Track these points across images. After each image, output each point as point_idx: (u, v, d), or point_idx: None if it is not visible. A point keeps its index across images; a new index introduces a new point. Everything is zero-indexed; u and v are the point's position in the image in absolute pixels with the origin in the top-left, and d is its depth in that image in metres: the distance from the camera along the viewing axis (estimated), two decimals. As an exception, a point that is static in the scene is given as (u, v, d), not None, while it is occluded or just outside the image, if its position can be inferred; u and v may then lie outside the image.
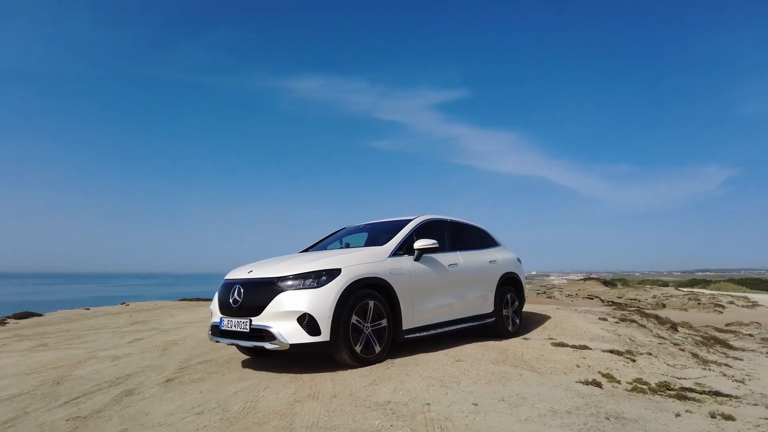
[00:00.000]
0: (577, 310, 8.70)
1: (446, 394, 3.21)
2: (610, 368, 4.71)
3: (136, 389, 3.84)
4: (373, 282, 4.36)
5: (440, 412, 2.84)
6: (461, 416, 2.78)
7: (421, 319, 4.85)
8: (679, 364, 5.41)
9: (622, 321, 7.94)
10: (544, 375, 4.16)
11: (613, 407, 3.07)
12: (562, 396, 3.35)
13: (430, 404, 3.00)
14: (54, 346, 5.72)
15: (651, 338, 6.52)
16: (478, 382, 3.65)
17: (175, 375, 4.27)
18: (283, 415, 2.95)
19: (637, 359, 5.23)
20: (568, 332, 6.44)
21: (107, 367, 4.54)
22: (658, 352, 5.82)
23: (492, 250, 6.33)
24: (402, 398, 3.14)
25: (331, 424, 2.74)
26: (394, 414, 2.85)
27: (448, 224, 5.80)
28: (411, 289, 4.73)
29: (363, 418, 2.79)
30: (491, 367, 4.26)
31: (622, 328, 6.87)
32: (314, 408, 3.04)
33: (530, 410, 2.91)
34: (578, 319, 7.26)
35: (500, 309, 6.06)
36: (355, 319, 4.12)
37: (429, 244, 4.93)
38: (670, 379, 4.64)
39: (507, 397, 3.19)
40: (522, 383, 3.70)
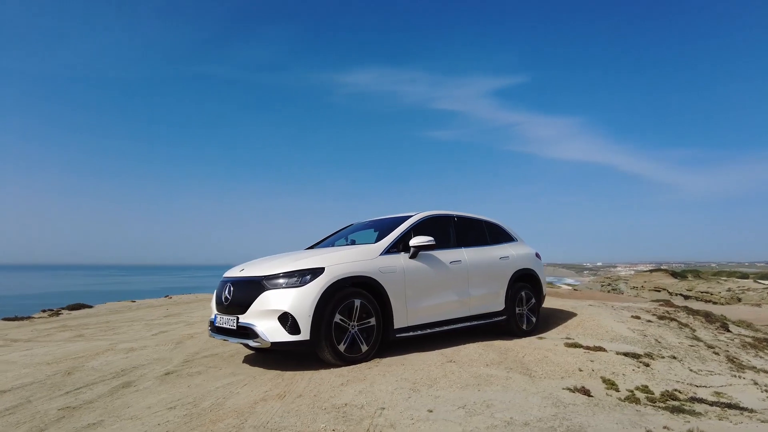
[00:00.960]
0: (613, 306, 8.21)
1: (408, 398, 3.15)
2: (616, 373, 4.42)
3: (134, 381, 4.09)
4: (360, 280, 4.35)
5: (389, 418, 2.80)
6: (408, 423, 2.72)
7: (417, 317, 4.78)
8: (706, 369, 4.97)
9: (660, 319, 7.42)
10: (536, 379, 3.98)
11: (580, 420, 2.87)
12: (536, 404, 3.18)
13: (384, 409, 2.96)
14: (88, 337, 6.22)
15: (683, 339, 6.02)
16: (454, 385, 3.55)
17: (176, 368, 4.50)
18: (241, 413, 3.03)
19: (654, 363, 4.86)
20: (590, 332, 6.10)
21: (120, 358, 4.88)
22: (685, 355, 5.38)
23: (505, 246, 6.10)
24: (362, 401, 3.12)
25: (279, 425, 2.78)
26: (344, 417, 2.84)
27: (455, 220, 5.65)
28: (404, 287, 4.66)
29: (311, 421, 2.81)
30: (481, 369, 4.13)
31: (653, 328, 6.40)
32: (274, 407, 3.10)
33: (485, 420, 2.79)
34: (606, 317, 6.85)
35: (512, 307, 5.84)
36: (339, 318, 4.13)
37: (425, 241, 4.84)
38: (684, 386, 4.28)
39: (471, 404, 3.08)
40: (501, 388, 3.56)
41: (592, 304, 8.25)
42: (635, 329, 6.26)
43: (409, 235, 5.00)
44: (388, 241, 4.82)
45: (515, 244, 6.31)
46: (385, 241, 4.82)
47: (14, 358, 5.02)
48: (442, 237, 5.49)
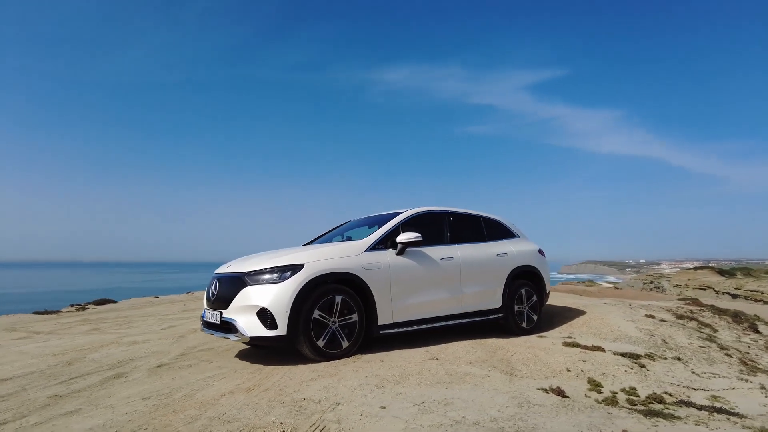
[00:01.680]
0: (631, 305, 7.88)
1: (369, 394, 3.16)
2: (606, 374, 4.26)
3: (126, 373, 4.28)
4: (341, 277, 4.38)
5: (340, 413, 2.81)
6: (355, 419, 2.72)
7: (404, 314, 4.76)
8: (711, 372, 4.71)
9: (679, 318, 7.10)
10: (515, 378, 3.89)
11: (536, 422, 2.79)
12: (499, 404, 3.11)
13: (340, 404, 2.98)
14: (102, 331, 6.54)
15: (695, 340, 5.72)
16: (424, 383, 3.52)
17: (170, 361, 4.67)
18: (204, 405, 3.12)
19: (653, 365, 4.66)
20: (595, 331, 5.90)
21: (121, 351, 5.11)
22: (691, 356, 5.12)
23: (504, 243, 5.98)
24: (322, 396, 3.15)
25: (234, 416, 2.85)
26: (297, 412, 2.88)
27: (449, 216, 5.59)
28: (389, 284, 4.66)
29: (265, 414, 2.86)
30: (462, 367, 4.07)
31: (664, 328, 6.11)
32: (237, 400, 3.17)
33: (434, 418, 2.76)
34: (617, 316, 6.60)
35: (510, 304, 5.72)
36: (318, 314, 4.17)
37: (412, 237, 4.81)
38: (677, 389, 4.08)
39: (430, 402, 3.05)
40: (472, 387, 3.50)
41: (607, 303, 7.96)
42: (644, 329, 6.00)
43: (397, 232, 4.98)
44: (374, 238, 4.83)
45: (516, 240, 6.17)
46: (371, 238, 4.82)
47: (28, 349, 5.36)
48: (435, 233, 5.45)
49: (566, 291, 14.13)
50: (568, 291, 14.12)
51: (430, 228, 5.50)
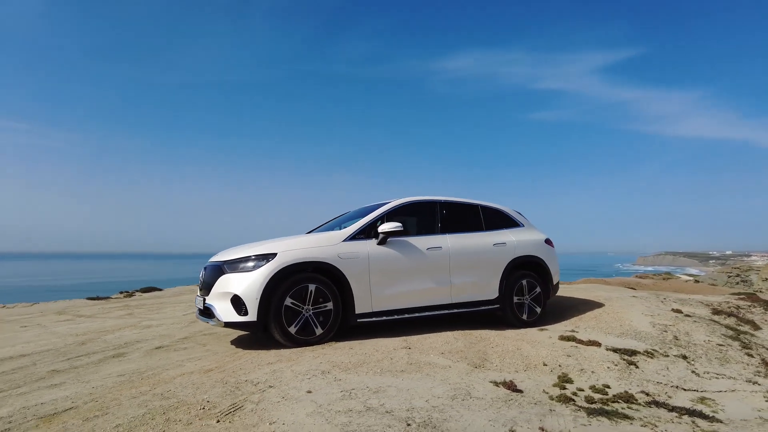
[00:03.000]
0: (665, 299, 7.32)
1: (307, 379, 3.24)
2: (584, 369, 4.04)
3: (126, 353, 4.68)
4: (317, 266, 4.49)
5: (266, 395, 2.92)
6: (275, 401, 2.82)
7: (384, 303, 4.79)
8: (715, 372, 4.32)
9: (715, 314, 6.53)
10: (477, 370, 3.81)
11: (453, 414, 2.74)
12: (432, 395, 3.08)
13: (273, 387, 3.09)
14: (134, 315, 7.15)
15: (715, 338, 5.23)
16: (374, 371, 3.55)
17: (170, 344, 5.03)
18: (159, 383, 3.36)
19: (647, 362, 4.36)
20: (603, 325, 5.58)
21: (133, 333, 5.58)
22: (701, 355, 4.70)
23: (504, 232, 5.79)
24: (264, 378, 3.29)
25: (174, 393, 3.05)
26: (231, 392, 3.03)
27: (440, 206, 5.50)
28: (368, 273, 4.70)
29: (202, 393, 3.04)
30: (428, 357, 4.05)
31: (685, 324, 5.63)
32: (189, 379, 3.39)
33: (351, 404, 2.78)
34: (635, 309, 6.18)
35: (509, 296, 5.55)
36: (291, 301, 4.31)
37: (393, 227, 4.82)
38: (660, 388, 3.80)
39: (361, 389, 3.08)
40: (422, 377, 3.48)
41: (636, 295, 7.44)
42: (659, 324, 5.58)
43: (382, 222, 5.00)
44: (355, 228, 4.89)
45: (518, 229, 5.95)
46: (352, 228, 4.89)
47: (61, 330, 6.00)
48: (425, 223, 5.41)
49: (617, 284, 13.33)
50: (619, 284, 13.30)
51: (419, 218, 5.47)
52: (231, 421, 2.54)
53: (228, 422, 2.54)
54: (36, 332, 5.85)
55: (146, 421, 2.62)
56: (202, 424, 2.53)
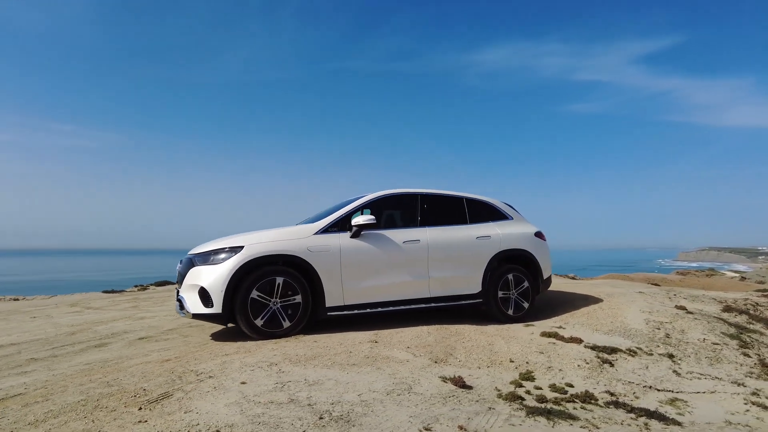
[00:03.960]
0: (672, 295, 6.94)
1: (249, 371, 3.24)
2: (552, 367, 3.88)
3: (109, 343, 4.83)
4: (285, 259, 4.49)
5: (199, 386, 2.94)
6: (205, 390, 2.82)
7: (356, 297, 4.75)
8: (700, 372, 4.06)
9: (725, 311, 6.17)
10: (435, 365, 3.72)
11: (377, 409, 2.67)
12: (369, 389, 3.02)
13: (212, 377, 3.10)
14: (139, 308, 7.39)
15: (713, 336, 4.90)
16: (324, 364, 3.51)
17: (155, 335, 5.16)
18: (116, 371, 3.45)
19: (626, 360, 4.15)
20: (594, 321, 5.35)
21: (125, 325, 5.76)
22: (691, 354, 4.44)
23: (489, 225, 5.62)
24: (210, 369, 3.31)
25: (120, 381, 3.11)
26: (170, 381, 3.06)
27: (420, 198, 5.39)
28: (339, 267, 4.67)
29: (146, 380, 3.08)
30: (392, 351, 3.99)
31: (683, 321, 5.31)
32: (143, 368, 3.45)
33: (277, 396, 2.76)
34: (633, 306, 5.90)
35: (493, 290, 5.39)
36: (257, 294, 4.33)
37: (366, 220, 4.77)
38: (630, 388, 3.61)
39: (297, 381, 3.05)
40: (371, 370, 3.42)
41: (642, 291, 7.08)
42: (654, 321, 5.29)
43: (361, 215, 4.95)
44: (328, 221, 4.86)
45: (506, 222, 5.77)
46: (325, 221, 4.86)
47: (63, 320, 6.26)
48: (404, 216, 5.33)
49: (641, 279, 12.78)
50: (642, 279, 12.75)
51: (398, 211, 5.39)
52: (151, 409, 2.57)
53: (148, 410, 2.57)
54: (39, 323, 6.13)
55: (77, 407, 2.69)
56: (124, 411, 2.57)
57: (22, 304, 8.07)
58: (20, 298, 8.81)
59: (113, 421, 2.43)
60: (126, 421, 2.42)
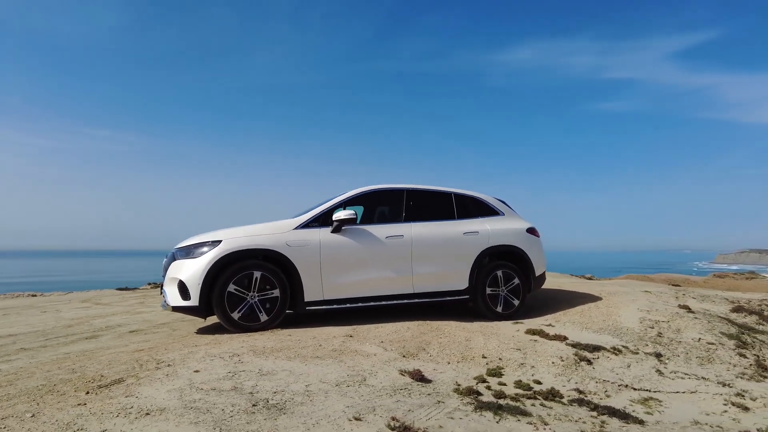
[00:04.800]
0: (681, 295, 6.65)
1: (209, 360, 3.27)
2: (525, 364, 3.78)
3: (101, 336, 4.98)
4: (263, 253, 4.53)
5: (155, 372, 2.98)
6: (157, 377, 2.86)
7: (337, 292, 4.74)
8: (685, 372, 3.88)
9: (734, 311, 5.91)
10: (404, 359, 3.69)
11: (318, 399, 2.65)
12: (320, 380, 3.00)
13: (170, 366, 3.14)
14: (145, 304, 7.60)
15: (710, 336, 4.66)
16: (286, 356, 3.50)
17: (146, 328, 5.30)
18: (86, 359, 3.55)
19: (607, 359, 4.01)
20: (587, 319, 5.18)
21: (120, 319, 5.93)
22: (681, 353, 4.25)
23: (479, 220, 5.52)
24: (172, 358, 3.36)
25: (84, 368, 3.20)
26: (130, 368, 3.12)
27: (406, 194, 5.34)
28: (319, 261, 4.68)
29: (108, 368, 3.15)
30: (363, 346, 3.96)
31: (681, 321, 5.09)
32: (112, 357, 3.54)
33: (222, 384, 2.77)
34: (630, 305, 5.69)
35: (481, 287, 5.29)
36: (234, 287, 4.38)
37: (346, 215, 4.76)
38: (603, 386, 3.50)
39: (250, 372, 3.05)
40: (331, 363, 3.40)
41: (649, 290, 6.81)
42: (650, 319, 5.08)
43: (340, 209, 4.95)
44: (309, 215, 4.88)
45: (496, 218, 5.65)
46: (306, 216, 4.88)
47: (67, 315, 6.49)
48: (388, 212, 5.30)
49: (663, 280, 12.30)
50: (664, 280, 12.28)
51: (382, 206, 5.37)
52: (97, 393, 2.63)
53: (94, 394, 2.62)
54: (46, 316, 6.38)
55: (33, 391, 2.77)
56: (72, 395, 2.64)
57: (38, 300, 8.42)
58: (38, 294, 9.20)
59: (56, 404, 2.50)
60: (67, 404, 2.48)
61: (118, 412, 2.32)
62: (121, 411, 2.34)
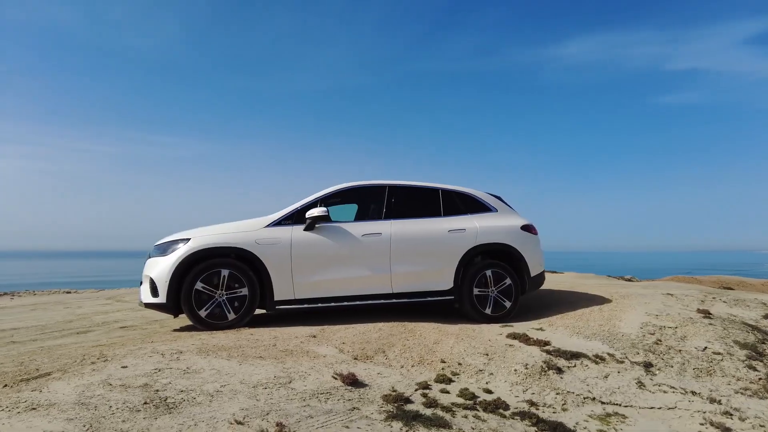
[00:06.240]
0: (712, 297, 5.97)
1: (147, 356, 3.24)
2: (485, 371, 3.51)
3: (92, 331, 5.16)
4: (233, 252, 4.49)
5: (85, 367, 2.99)
6: (81, 372, 2.85)
7: (308, 291, 4.63)
8: (672, 385, 3.44)
9: (767, 317, 5.18)
10: (355, 362, 3.53)
11: (217, 400, 2.54)
12: (242, 381, 2.90)
13: (108, 360, 3.15)
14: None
15: (720, 345, 4.12)
16: (228, 355, 3.42)
17: (137, 325, 5.43)
18: (47, 352, 3.65)
19: (585, 368, 3.64)
20: (582, 323, 4.76)
21: (121, 315, 6.14)
22: (675, 364, 3.78)
23: (467, 217, 5.22)
24: (117, 353, 3.35)
25: (35, 361, 3.27)
26: (70, 362, 3.14)
27: (389, 190, 5.13)
28: (290, 260, 4.59)
29: (52, 360, 3.21)
30: (319, 347, 3.83)
31: (689, 327, 4.56)
32: (70, 351, 3.61)
33: (133, 380, 2.73)
34: (637, 308, 5.17)
35: (467, 287, 4.99)
36: (201, 285, 4.37)
37: (318, 212, 4.64)
38: (562, 398, 3.18)
39: (175, 369, 3.00)
40: (272, 363, 3.29)
41: (671, 293, 6.16)
42: (654, 325, 4.58)
43: (315, 207, 4.84)
44: (282, 213, 4.80)
45: (487, 215, 5.31)
46: (279, 213, 4.81)
47: (81, 311, 6.82)
48: (369, 209, 5.13)
49: (712, 282, 11.22)
50: (714, 282, 11.19)
51: (363, 203, 5.20)
52: (12, 387, 2.66)
53: (10, 387, 2.66)
54: (61, 311, 6.74)
55: (-28, 381, 2.86)
56: (-5, 387, 2.69)
57: (69, 297, 8.95)
58: (71, 291, 9.79)
59: (-31, 396, 2.55)
60: (-23, 396, 2.52)
61: (8, 406, 2.32)
62: (13, 405, 2.34)
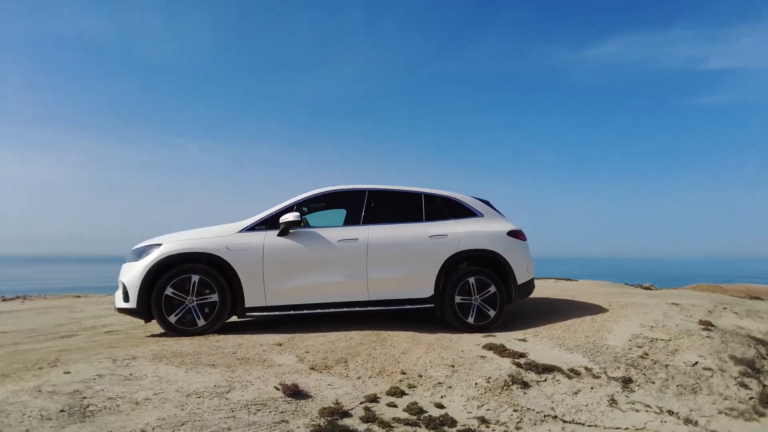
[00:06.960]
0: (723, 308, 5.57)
1: (98, 362, 3.21)
2: (443, 383, 3.33)
3: (77, 335, 5.18)
4: (204, 257, 4.45)
5: (30, 372, 2.99)
6: (32, 374, 2.86)
7: (281, 297, 4.53)
8: (647, 404, 3.19)
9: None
10: (305, 372, 3.39)
11: (130, 407, 2.45)
12: (180, 389, 2.81)
13: (57, 366, 3.13)
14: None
15: (711, 361, 3.81)
16: (180, 362, 3.35)
17: (123, 329, 5.43)
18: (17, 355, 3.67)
19: (555, 383, 3.41)
20: (569, 334, 4.52)
21: (109, 320, 6.16)
22: (657, 380, 3.52)
23: (450, 222, 5.03)
24: (72, 358, 3.35)
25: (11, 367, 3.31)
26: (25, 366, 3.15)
27: (369, 195, 4.99)
28: (262, 266, 4.50)
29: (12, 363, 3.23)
30: (278, 356, 3.74)
31: (682, 340, 4.25)
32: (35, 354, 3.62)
33: (71, 386, 2.68)
34: (631, 319, 4.87)
35: (448, 295, 4.79)
36: (171, 291, 4.33)
37: (291, 217, 4.55)
38: (500, 416, 2.91)
39: (117, 375, 2.95)
40: (218, 371, 3.21)
41: (676, 303, 5.78)
42: (645, 337, 4.29)
43: (290, 212, 4.75)
44: (256, 218, 4.73)
45: (471, 220, 5.10)
46: (253, 219, 4.74)
47: (77, 315, 6.91)
48: (347, 214, 5.01)
49: (739, 291, 10.59)
50: (741, 291, 10.56)
51: (342, 208, 5.09)
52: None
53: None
54: (59, 316, 6.86)
55: None
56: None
57: (77, 301, 9.14)
58: (81, 296, 10.02)
59: None
60: None
61: None
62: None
